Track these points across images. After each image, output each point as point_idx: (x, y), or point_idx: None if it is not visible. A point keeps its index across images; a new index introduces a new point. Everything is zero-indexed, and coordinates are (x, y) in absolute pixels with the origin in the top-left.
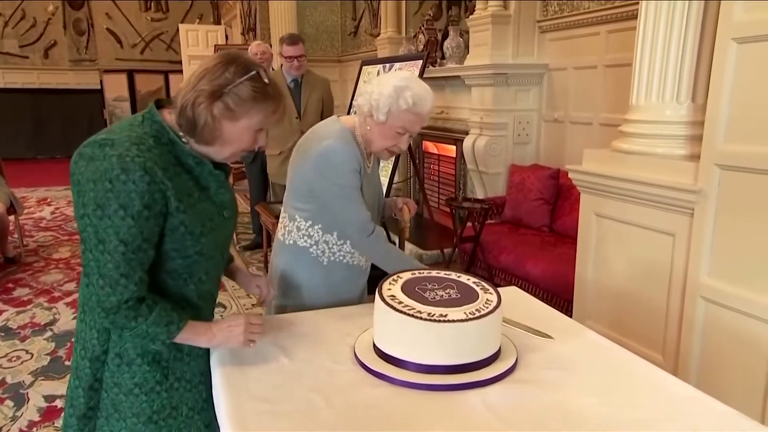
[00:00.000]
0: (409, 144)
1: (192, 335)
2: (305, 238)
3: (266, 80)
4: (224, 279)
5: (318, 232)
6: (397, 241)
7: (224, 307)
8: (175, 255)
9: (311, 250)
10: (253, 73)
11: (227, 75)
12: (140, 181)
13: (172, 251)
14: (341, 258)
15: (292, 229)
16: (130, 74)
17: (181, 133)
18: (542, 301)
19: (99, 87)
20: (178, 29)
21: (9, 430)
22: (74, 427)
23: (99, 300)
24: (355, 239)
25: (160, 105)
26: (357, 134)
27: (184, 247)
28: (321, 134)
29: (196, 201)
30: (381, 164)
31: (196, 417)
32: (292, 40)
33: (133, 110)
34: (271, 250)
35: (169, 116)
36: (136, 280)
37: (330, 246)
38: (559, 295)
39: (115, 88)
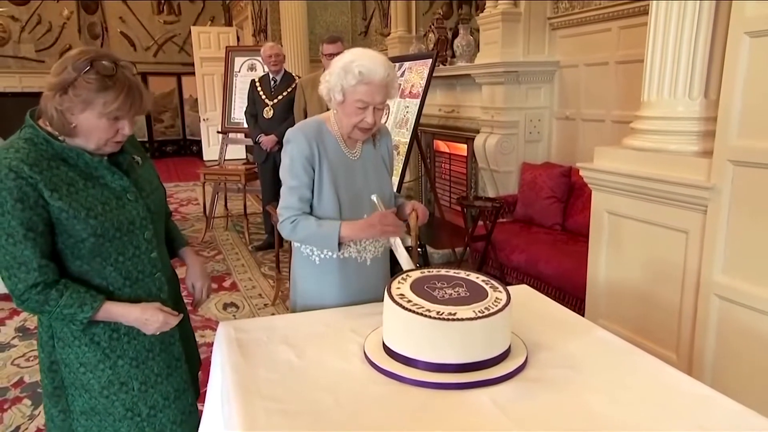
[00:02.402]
0: (418, 140)
1: (109, 316)
2: None
3: (106, 72)
4: (237, 279)
5: None
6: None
7: (237, 307)
8: (72, 241)
9: (302, 249)
10: (89, 67)
11: (69, 70)
12: (6, 179)
13: (68, 238)
14: (330, 253)
15: None
16: (143, 76)
17: (56, 132)
18: (554, 299)
19: None
20: (190, 31)
21: (27, 428)
22: (47, 405)
23: (10, 290)
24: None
25: (39, 112)
26: (331, 122)
27: (75, 231)
28: None
29: (80, 188)
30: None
31: (151, 391)
32: (331, 39)
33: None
34: (282, 250)
35: (44, 122)
36: (35, 267)
37: None
38: (571, 293)
39: None
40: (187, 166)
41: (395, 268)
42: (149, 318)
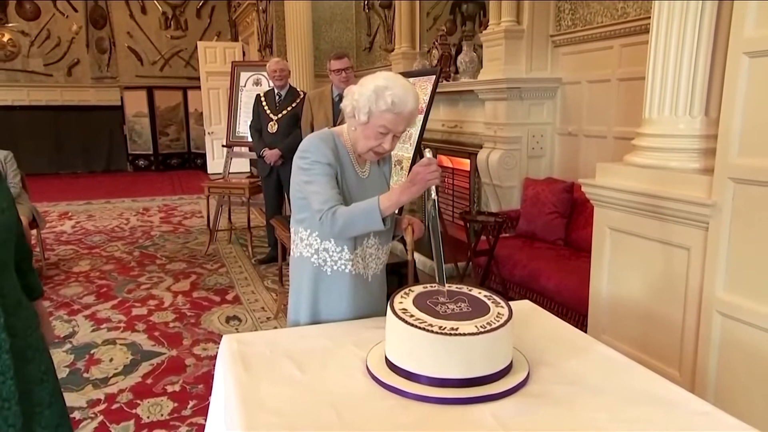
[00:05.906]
0: (421, 155)
1: None
2: (307, 247)
3: None
4: (240, 292)
5: (317, 240)
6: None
7: (239, 320)
8: None
9: (313, 259)
10: None
11: None
12: None
13: None
14: (343, 267)
15: (297, 240)
16: (150, 91)
17: None
18: (557, 315)
19: (120, 104)
20: (196, 46)
21: None
22: None
23: None
24: (316, 224)
25: None
26: (345, 138)
27: None
28: None
29: None
30: (396, 177)
31: None
32: (338, 55)
33: (152, 126)
34: (285, 264)
35: None
36: None
37: (330, 254)
38: (574, 309)
39: (135, 104)
40: (191, 179)
41: (400, 281)
42: None
